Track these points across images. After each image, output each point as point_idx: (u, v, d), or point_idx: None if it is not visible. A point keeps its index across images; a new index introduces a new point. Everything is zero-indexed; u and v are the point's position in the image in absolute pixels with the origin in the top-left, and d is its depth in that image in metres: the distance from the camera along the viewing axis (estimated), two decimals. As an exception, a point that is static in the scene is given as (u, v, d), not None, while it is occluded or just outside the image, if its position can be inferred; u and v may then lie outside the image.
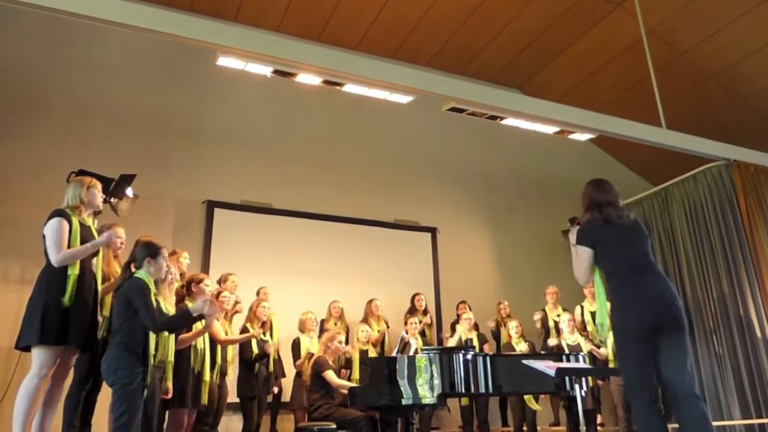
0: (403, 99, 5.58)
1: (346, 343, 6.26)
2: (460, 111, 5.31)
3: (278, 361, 5.71)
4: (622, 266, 2.93)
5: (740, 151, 6.42)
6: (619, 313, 2.87)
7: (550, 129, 6.00)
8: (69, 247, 3.32)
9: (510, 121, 5.77)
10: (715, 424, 3.06)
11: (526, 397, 5.94)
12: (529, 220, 8.58)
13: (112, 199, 5.62)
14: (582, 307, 6.63)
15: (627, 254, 2.95)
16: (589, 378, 5.59)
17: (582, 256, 3.00)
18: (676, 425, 2.80)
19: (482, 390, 4.33)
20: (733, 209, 6.38)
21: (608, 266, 2.99)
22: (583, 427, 3.55)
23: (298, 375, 5.64)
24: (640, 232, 3.05)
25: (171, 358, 3.57)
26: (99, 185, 3.63)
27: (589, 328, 6.47)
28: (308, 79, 4.85)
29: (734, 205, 6.39)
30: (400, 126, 8.11)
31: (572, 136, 6.35)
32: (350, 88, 5.14)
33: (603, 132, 6.00)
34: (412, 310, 6.77)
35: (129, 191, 5.73)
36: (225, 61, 4.60)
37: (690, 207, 6.79)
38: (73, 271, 3.28)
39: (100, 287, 3.56)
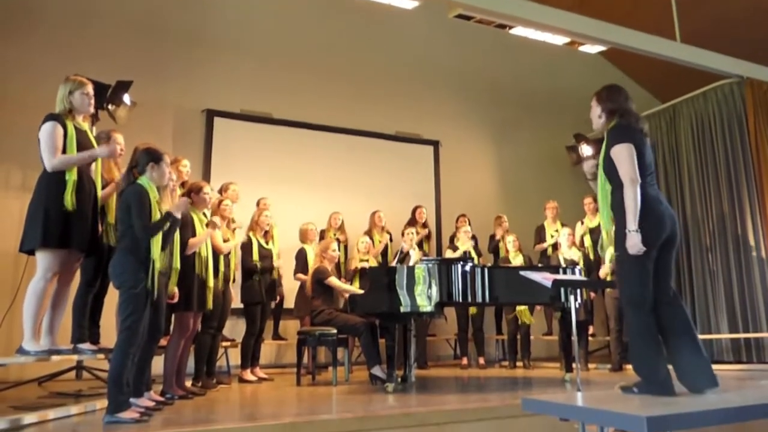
0: (409, 4, 5.38)
1: (345, 253, 6.38)
2: (468, 18, 5.12)
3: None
4: (644, 176, 2.87)
5: (754, 68, 6.22)
6: (643, 222, 2.79)
7: (560, 39, 5.80)
8: (64, 151, 3.28)
9: (519, 30, 5.57)
10: (701, 337, 3.12)
11: (520, 310, 6.10)
12: (534, 134, 8.46)
13: (109, 106, 5.53)
14: (582, 222, 6.68)
15: (648, 165, 2.92)
16: (583, 290, 5.73)
17: (631, 152, 2.86)
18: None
19: (479, 300, 4.44)
20: (741, 128, 6.28)
21: None
22: (574, 337, 3.66)
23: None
24: (651, 149, 3.02)
25: (177, 264, 3.62)
26: (87, 87, 3.47)
27: (587, 243, 6.55)
28: (309, -20, 4.62)
29: (743, 124, 6.27)
30: (405, 34, 7.82)
31: (583, 48, 6.16)
32: (353, -10, 4.92)
33: (615, 44, 5.79)
34: (412, 222, 6.81)
35: (126, 98, 5.62)
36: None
37: (697, 125, 6.68)
38: (71, 176, 3.26)
39: (99, 193, 3.57)
